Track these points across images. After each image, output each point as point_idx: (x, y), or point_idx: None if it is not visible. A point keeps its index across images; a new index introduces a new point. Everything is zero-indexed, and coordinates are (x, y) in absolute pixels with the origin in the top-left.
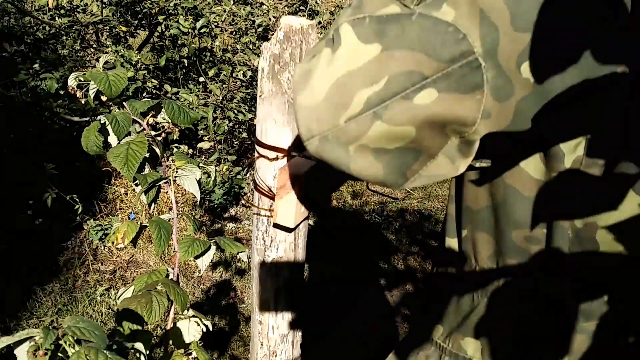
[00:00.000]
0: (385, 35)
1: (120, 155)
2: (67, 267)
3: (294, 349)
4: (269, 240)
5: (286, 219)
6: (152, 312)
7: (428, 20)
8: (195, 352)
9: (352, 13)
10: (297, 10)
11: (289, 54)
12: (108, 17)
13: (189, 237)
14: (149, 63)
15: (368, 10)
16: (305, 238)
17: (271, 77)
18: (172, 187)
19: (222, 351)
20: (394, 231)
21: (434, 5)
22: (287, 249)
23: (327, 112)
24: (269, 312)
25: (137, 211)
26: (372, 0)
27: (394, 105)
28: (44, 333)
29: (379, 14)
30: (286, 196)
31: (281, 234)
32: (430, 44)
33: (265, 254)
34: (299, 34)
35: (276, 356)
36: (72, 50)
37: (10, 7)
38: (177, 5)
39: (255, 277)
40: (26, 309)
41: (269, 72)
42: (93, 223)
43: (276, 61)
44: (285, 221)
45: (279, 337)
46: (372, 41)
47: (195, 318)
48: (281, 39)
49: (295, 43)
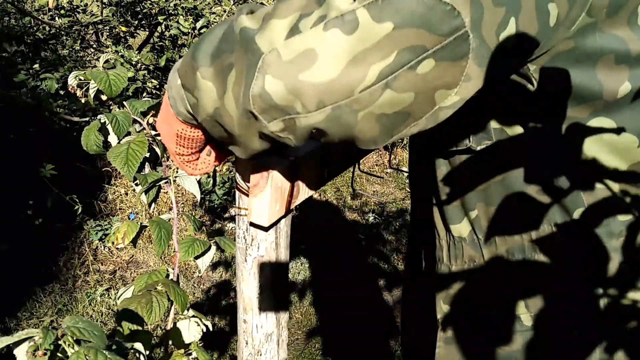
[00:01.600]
0: (396, 13)
1: (121, 154)
2: (67, 267)
3: (279, 348)
4: (250, 239)
5: (260, 218)
6: (152, 313)
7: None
8: (195, 352)
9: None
10: None
11: None
12: (108, 17)
13: (189, 237)
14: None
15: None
16: (288, 237)
17: None
18: (172, 187)
19: (222, 351)
20: (394, 231)
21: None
22: (268, 248)
23: (343, 86)
24: (252, 311)
25: (137, 211)
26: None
27: (401, 75)
28: (43, 333)
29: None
30: (260, 194)
31: (262, 233)
32: (432, 21)
33: (247, 253)
34: None
35: (261, 355)
36: (72, 51)
37: (10, 7)
38: (177, 5)
39: (238, 276)
40: (26, 309)
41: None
42: (93, 223)
43: None
44: (260, 219)
45: (263, 336)
46: (385, 20)
47: (195, 318)
48: None
49: None
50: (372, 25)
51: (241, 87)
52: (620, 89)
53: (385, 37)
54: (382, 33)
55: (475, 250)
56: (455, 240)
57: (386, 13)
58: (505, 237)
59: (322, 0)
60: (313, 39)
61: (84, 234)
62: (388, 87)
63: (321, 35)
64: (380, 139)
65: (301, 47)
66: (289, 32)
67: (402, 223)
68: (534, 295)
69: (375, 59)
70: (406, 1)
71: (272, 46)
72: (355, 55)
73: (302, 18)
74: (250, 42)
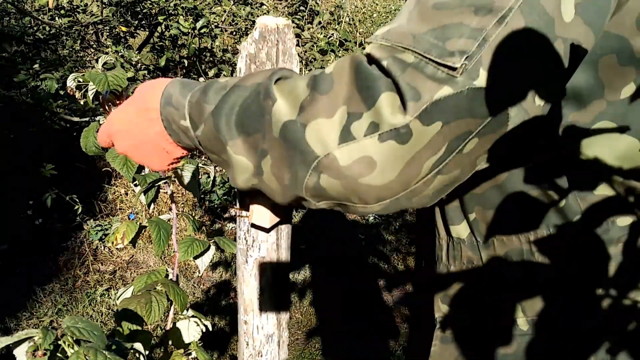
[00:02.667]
0: (444, 112)
1: (120, 155)
2: (67, 267)
3: (280, 349)
4: (250, 240)
5: (261, 219)
6: (151, 313)
7: (473, 92)
8: (195, 352)
9: (415, 108)
10: (297, 11)
11: (265, 54)
12: (108, 18)
13: (188, 237)
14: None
15: (426, 98)
16: (289, 238)
17: None
18: (172, 187)
19: (222, 351)
20: (394, 231)
21: (473, 73)
22: (269, 249)
23: (400, 184)
24: (253, 312)
25: (137, 211)
26: (427, 88)
27: (450, 161)
28: (43, 333)
29: (436, 98)
30: (261, 196)
31: (262, 234)
32: (475, 108)
33: (248, 254)
34: (274, 34)
35: (262, 356)
36: (72, 51)
37: (10, 7)
38: (177, 5)
39: (239, 277)
40: (26, 309)
41: (246, 72)
42: (93, 223)
43: (252, 61)
44: (261, 221)
45: (264, 337)
46: (434, 121)
47: (195, 318)
48: (257, 39)
49: (271, 43)
50: (424, 129)
51: (284, 174)
52: (624, 89)
53: (436, 134)
54: (432, 132)
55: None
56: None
57: (435, 115)
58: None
59: (366, 97)
60: (371, 149)
61: (84, 234)
62: (439, 174)
63: (378, 145)
64: (429, 204)
65: (358, 155)
66: (340, 135)
67: (402, 223)
68: (531, 298)
69: (428, 155)
70: (450, 99)
71: (327, 150)
72: (410, 159)
73: (353, 120)
74: (299, 142)
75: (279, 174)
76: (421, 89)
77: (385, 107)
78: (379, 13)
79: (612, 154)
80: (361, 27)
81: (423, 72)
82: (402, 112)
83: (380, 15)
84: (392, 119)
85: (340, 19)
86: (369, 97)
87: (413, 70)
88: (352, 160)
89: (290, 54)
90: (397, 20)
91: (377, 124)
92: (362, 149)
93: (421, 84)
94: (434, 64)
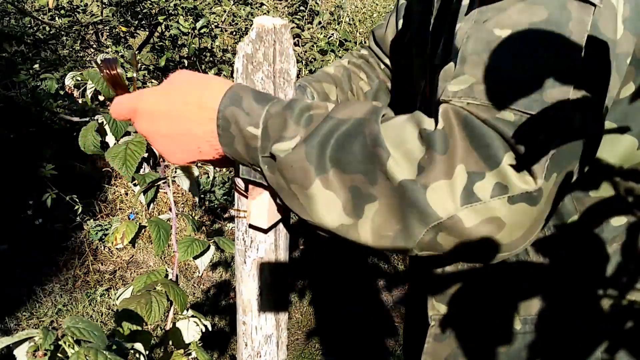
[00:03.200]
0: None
1: (119, 155)
2: (67, 267)
3: (279, 350)
4: (249, 241)
5: (259, 220)
6: (151, 313)
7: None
8: (195, 352)
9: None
10: (297, 11)
11: (262, 54)
12: (108, 18)
13: (188, 237)
14: (149, 63)
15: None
16: (288, 239)
17: (245, 77)
18: (171, 187)
19: (222, 351)
20: None
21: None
22: (267, 249)
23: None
24: (251, 313)
25: (137, 211)
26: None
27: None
28: (44, 333)
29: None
30: (259, 196)
31: (261, 235)
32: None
33: (246, 255)
34: (271, 34)
35: (261, 357)
36: (72, 51)
37: (10, 7)
38: (177, 5)
39: (237, 278)
40: (26, 309)
41: (243, 72)
42: (93, 223)
43: (249, 61)
44: (259, 221)
45: (262, 338)
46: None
47: (195, 318)
48: (254, 39)
49: (268, 43)
50: (547, 185)
51: (391, 225)
52: (624, 89)
53: (553, 186)
54: (551, 185)
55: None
56: None
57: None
58: None
59: (486, 156)
60: (500, 211)
61: (84, 234)
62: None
63: (508, 207)
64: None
65: (486, 215)
66: (463, 195)
67: None
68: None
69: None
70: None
71: (449, 212)
72: (539, 215)
73: (475, 181)
74: (419, 202)
75: (384, 223)
76: (536, 147)
77: (510, 169)
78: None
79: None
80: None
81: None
82: (529, 175)
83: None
84: (522, 183)
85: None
86: (489, 156)
87: (521, 129)
88: (478, 220)
89: (287, 54)
90: (468, 71)
91: (504, 186)
92: (490, 211)
93: (534, 142)
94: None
